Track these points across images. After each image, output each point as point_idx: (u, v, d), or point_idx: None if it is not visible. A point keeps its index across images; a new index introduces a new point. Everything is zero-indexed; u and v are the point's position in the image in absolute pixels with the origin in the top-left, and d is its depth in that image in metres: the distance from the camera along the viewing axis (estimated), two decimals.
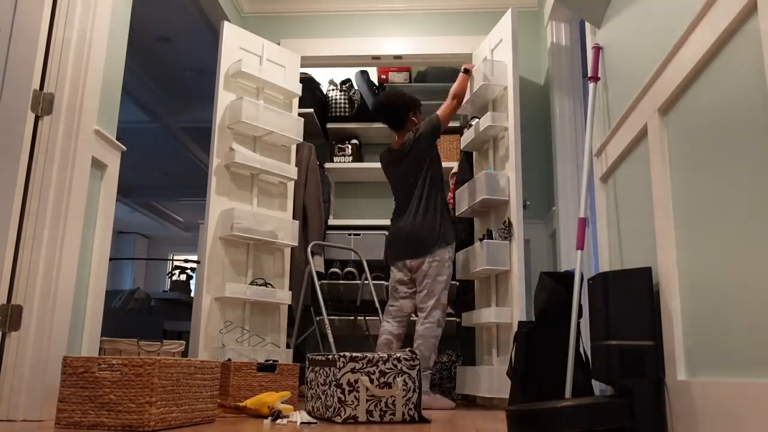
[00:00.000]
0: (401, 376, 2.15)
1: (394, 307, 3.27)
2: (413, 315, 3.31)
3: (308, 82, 4.27)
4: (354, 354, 2.12)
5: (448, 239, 3.21)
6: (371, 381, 2.11)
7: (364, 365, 2.12)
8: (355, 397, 2.08)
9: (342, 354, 2.11)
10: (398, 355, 2.17)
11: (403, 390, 2.14)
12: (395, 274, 3.31)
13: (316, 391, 2.27)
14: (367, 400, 2.09)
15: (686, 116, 1.65)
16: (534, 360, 2.35)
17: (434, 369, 3.16)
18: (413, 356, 2.18)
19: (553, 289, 2.35)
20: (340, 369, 2.09)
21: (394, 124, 3.40)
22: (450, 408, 3.01)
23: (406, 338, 3.44)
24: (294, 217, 3.78)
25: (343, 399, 2.07)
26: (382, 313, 3.68)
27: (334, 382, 2.09)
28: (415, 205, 3.22)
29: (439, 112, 3.34)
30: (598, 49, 2.50)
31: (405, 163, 3.30)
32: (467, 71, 3.50)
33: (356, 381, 2.10)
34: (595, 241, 3.31)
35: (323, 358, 2.23)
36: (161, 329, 5.49)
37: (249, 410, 2.26)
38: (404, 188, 3.31)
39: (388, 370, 2.14)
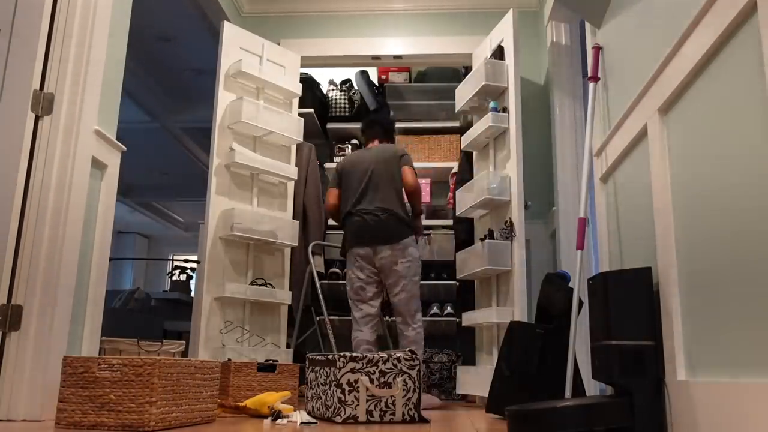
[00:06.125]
0: (401, 376, 2.14)
1: (362, 312, 3.12)
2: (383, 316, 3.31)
3: (308, 82, 4.27)
4: (354, 354, 2.13)
5: (415, 236, 3.19)
6: (371, 381, 2.11)
7: (364, 365, 2.12)
8: (355, 397, 2.08)
9: (342, 354, 2.11)
10: (398, 355, 2.17)
11: (403, 390, 2.14)
12: (356, 273, 3.14)
13: (316, 391, 2.27)
14: (367, 400, 2.09)
15: (686, 116, 1.65)
16: (546, 360, 2.36)
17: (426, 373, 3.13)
18: (413, 356, 2.18)
19: (568, 290, 2.36)
20: (340, 369, 2.09)
21: (384, 137, 3.44)
22: (437, 405, 3.02)
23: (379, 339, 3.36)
24: (294, 217, 3.78)
25: (343, 399, 2.07)
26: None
27: (334, 382, 2.09)
28: (381, 198, 3.16)
29: (413, 185, 3.19)
30: (598, 49, 2.50)
31: (382, 163, 3.23)
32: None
33: (356, 381, 2.10)
34: (595, 241, 3.31)
35: (323, 358, 2.23)
36: (161, 329, 5.49)
37: (249, 410, 2.27)
38: (371, 184, 3.20)
39: (388, 370, 2.14)
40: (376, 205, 3.15)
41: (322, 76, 4.64)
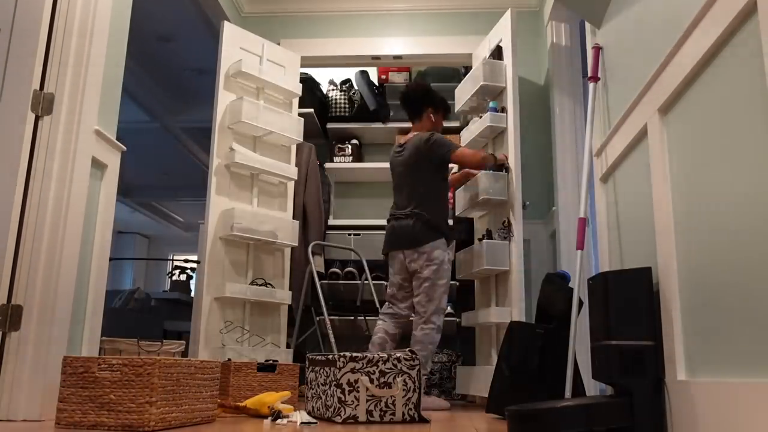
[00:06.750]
0: (401, 376, 2.14)
1: (392, 310, 3.17)
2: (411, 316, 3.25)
3: (308, 82, 4.27)
4: (354, 354, 2.13)
5: (445, 240, 3.10)
6: (371, 381, 2.11)
7: (364, 365, 2.12)
8: (355, 397, 2.08)
9: (342, 354, 2.11)
10: (398, 354, 2.17)
11: (403, 390, 2.14)
12: (393, 277, 3.17)
13: (316, 391, 2.27)
14: (367, 400, 2.09)
15: (686, 116, 1.65)
16: (546, 360, 2.36)
17: (428, 374, 3.07)
18: (413, 356, 2.18)
19: (568, 290, 2.37)
20: (340, 369, 2.09)
21: (409, 111, 3.32)
22: (446, 408, 2.98)
23: (401, 339, 3.39)
24: (294, 217, 3.78)
25: (343, 399, 2.07)
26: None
27: (334, 382, 2.10)
28: (411, 202, 3.11)
29: (459, 150, 3.13)
30: (598, 49, 2.50)
31: (406, 160, 3.18)
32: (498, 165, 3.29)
33: (356, 381, 2.10)
34: (595, 241, 3.31)
35: (323, 358, 2.24)
36: (161, 329, 5.49)
37: (249, 410, 2.26)
38: (402, 184, 3.19)
39: (388, 370, 2.14)
40: (402, 210, 3.14)
41: (322, 76, 4.64)
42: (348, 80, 4.51)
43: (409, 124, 4.35)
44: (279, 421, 2.08)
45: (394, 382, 2.13)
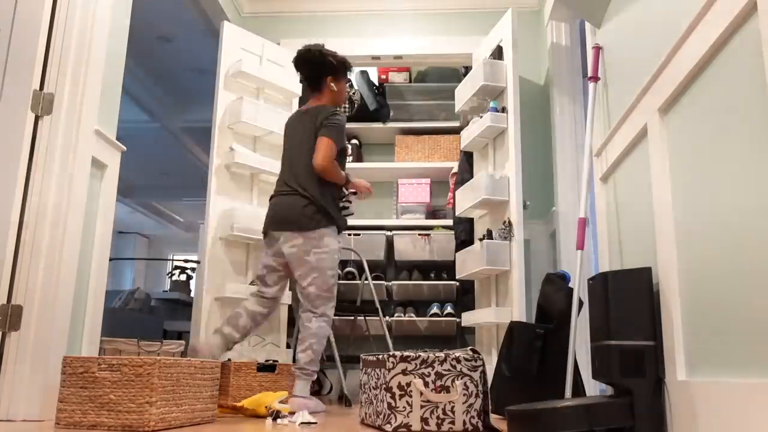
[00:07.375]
0: (461, 378, 1.92)
1: (260, 291, 2.81)
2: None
3: None
4: (405, 353, 1.91)
5: (336, 227, 2.75)
6: (425, 384, 1.89)
7: (418, 366, 1.89)
8: (407, 402, 1.86)
9: (391, 353, 1.91)
10: (458, 354, 1.95)
11: (464, 395, 1.92)
12: (267, 258, 2.78)
13: (368, 395, 2.08)
14: (422, 406, 1.87)
15: (686, 116, 1.65)
16: (546, 360, 2.36)
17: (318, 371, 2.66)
18: (475, 356, 1.95)
19: (568, 290, 2.37)
20: (389, 370, 1.87)
21: (317, 85, 2.96)
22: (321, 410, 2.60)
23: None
24: None
25: (393, 405, 1.85)
26: (383, 312, 3.67)
27: (384, 386, 1.89)
28: (303, 180, 2.73)
29: (330, 149, 2.70)
30: (598, 49, 2.50)
31: (308, 132, 2.79)
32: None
33: (408, 384, 1.88)
34: (595, 241, 3.31)
35: (374, 359, 2.03)
36: (161, 329, 5.49)
37: (246, 410, 2.27)
38: (297, 157, 2.80)
39: (445, 372, 1.91)
40: (290, 185, 2.75)
41: None
42: (348, 80, 4.50)
43: (408, 125, 4.37)
44: (279, 420, 2.08)
45: (453, 386, 1.91)
